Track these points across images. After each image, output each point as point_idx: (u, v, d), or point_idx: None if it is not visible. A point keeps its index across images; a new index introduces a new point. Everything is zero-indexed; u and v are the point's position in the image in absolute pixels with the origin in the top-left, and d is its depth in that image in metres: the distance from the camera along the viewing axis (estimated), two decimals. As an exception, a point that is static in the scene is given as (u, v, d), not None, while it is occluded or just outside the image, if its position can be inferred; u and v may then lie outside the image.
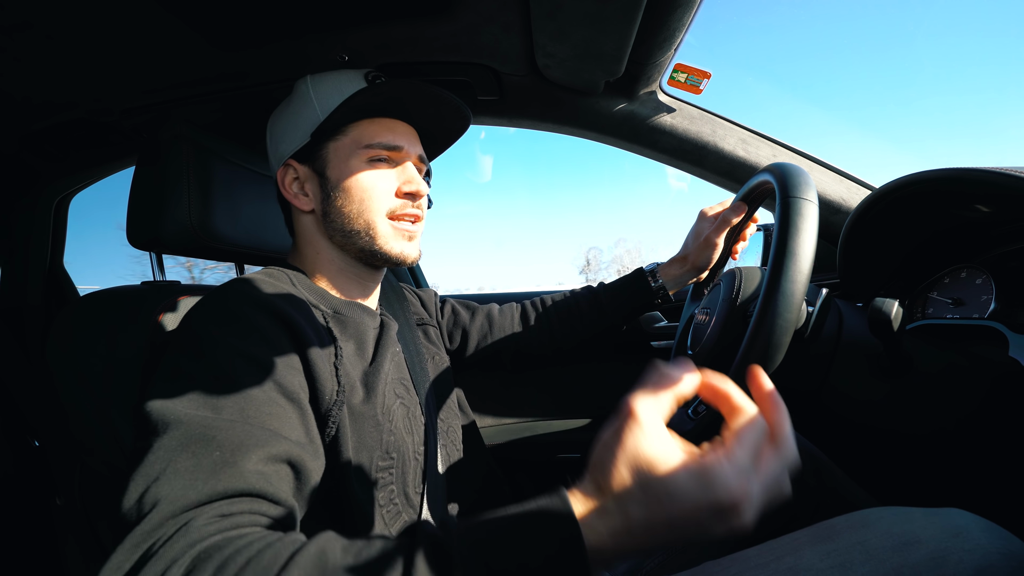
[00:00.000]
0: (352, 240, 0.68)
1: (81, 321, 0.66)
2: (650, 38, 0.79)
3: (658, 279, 0.92)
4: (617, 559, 0.34)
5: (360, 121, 0.69)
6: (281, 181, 0.71)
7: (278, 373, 0.51)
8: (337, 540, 0.38)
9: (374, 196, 0.67)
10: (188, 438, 0.42)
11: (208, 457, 0.41)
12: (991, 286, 0.68)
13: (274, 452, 0.45)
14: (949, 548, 0.44)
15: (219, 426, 0.44)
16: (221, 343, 0.50)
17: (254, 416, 0.46)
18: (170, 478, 0.40)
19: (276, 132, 0.73)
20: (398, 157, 0.70)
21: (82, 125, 0.96)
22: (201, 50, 0.78)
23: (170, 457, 0.41)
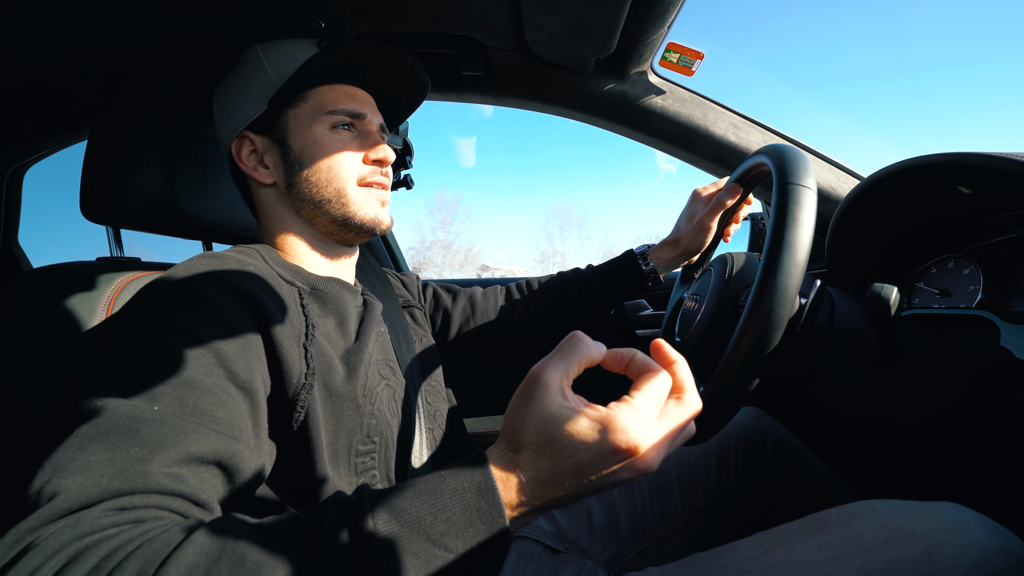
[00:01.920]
0: (322, 209, 0.65)
1: (27, 297, 0.61)
2: (643, 13, 0.76)
3: (649, 262, 0.90)
4: (534, 509, 0.36)
5: (319, 87, 0.66)
6: (236, 154, 0.66)
7: (231, 359, 0.46)
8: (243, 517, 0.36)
9: (342, 163, 0.65)
10: (109, 428, 0.38)
11: (125, 452, 0.37)
12: (979, 276, 0.68)
13: (203, 451, 0.40)
14: (944, 543, 0.43)
15: (147, 418, 0.39)
16: (170, 323, 0.46)
17: (193, 406, 0.41)
18: (77, 471, 0.35)
19: (226, 103, 0.69)
20: (361, 125, 0.68)
21: (34, 91, 0.89)
22: (165, 12, 0.72)
23: (84, 446, 0.37)
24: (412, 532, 0.34)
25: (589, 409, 0.36)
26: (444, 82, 0.99)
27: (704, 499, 0.77)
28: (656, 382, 0.38)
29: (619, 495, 0.78)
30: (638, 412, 0.36)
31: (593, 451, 0.35)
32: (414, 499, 0.35)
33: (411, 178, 1.06)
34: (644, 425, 0.35)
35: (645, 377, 0.38)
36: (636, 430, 0.35)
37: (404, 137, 1.03)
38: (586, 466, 0.35)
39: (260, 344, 0.50)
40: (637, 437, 0.35)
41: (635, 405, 0.36)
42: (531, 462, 0.36)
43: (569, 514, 0.76)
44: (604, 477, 0.36)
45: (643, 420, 0.35)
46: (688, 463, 0.79)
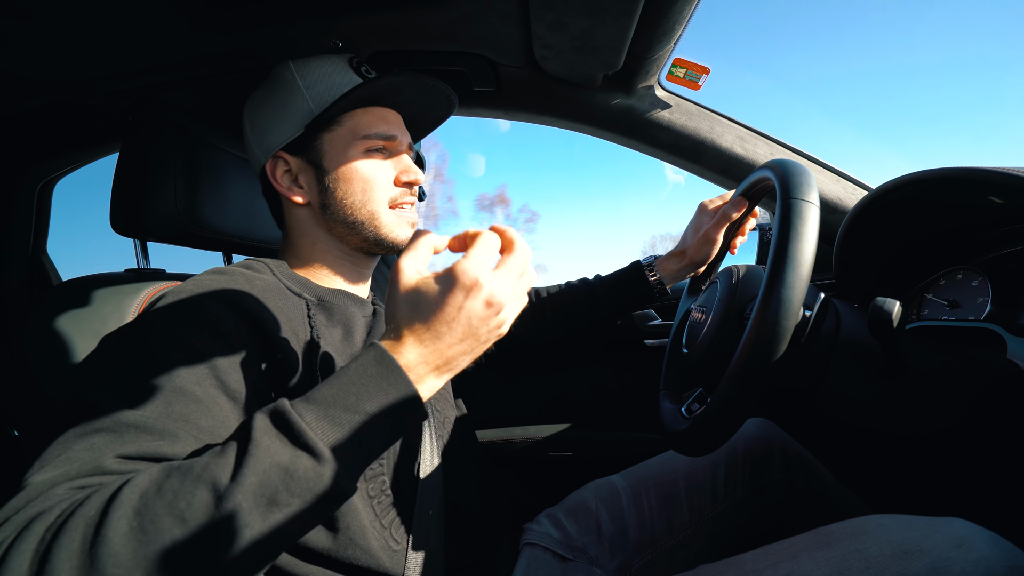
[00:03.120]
0: (355, 230, 0.67)
1: (58, 309, 0.64)
2: (649, 31, 0.78)
3: (655, 273, 0.91)
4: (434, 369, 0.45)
5: (353, 111, 0.68)
6: (271, 174, 0.68)
7: (224, 371, 0.48)
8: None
9: (376, 186, 0.67)
10: (94, 429, 0.41)
11: (102, 451, 0.40)
12: (987, 288, 0.68)
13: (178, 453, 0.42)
14: (951, 559, 0.43)
15: (130, 422, 0.41)
16: (168, 333, 0.48)
17: (179, 413, 0.44)
18: (57, 466, 0.39)
19: (260, 122, 0.70)
20: (392, 147, 0.70)
21: (65, 108, 0.93)
22: (189, 33, 0.75)
23: (68, 444, 0.40)
24: (330, 406, 0.41)
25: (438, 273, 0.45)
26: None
27: (712, 510, 0.77)
28: (485, 238, 0.46)
29: (627, 505, 0.78)
30: (471, 257, 0.44)
31: (449, 296, 0.43)
32: (324, 387, 0.42)
33: (423, 190, 1.08)
34: (478, 266, 0.44)
35: (475, 237, 0.46)
36: (473, 269, 0.44)
37: (416, 150, 1.06)
38: (450, 313, 0.43)
39: (259, 359, 0.52)
40: (473, 271, 0.43)
41: (468, 254, 0.45)
42: (409, 329, 0.44)
43: (578, 523, 0.77)
44: (470, 319, 0.44)
45: (477, 263, 0.44)
46: (696, 473, 0.80)
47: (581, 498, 0.81)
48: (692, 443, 0.61)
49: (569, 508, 0.80)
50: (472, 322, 0.44)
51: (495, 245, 0.47)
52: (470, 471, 0.73)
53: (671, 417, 0.69)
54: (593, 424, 1.27)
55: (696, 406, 0.70)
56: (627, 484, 0.82)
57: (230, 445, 0.39)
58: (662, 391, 0.81)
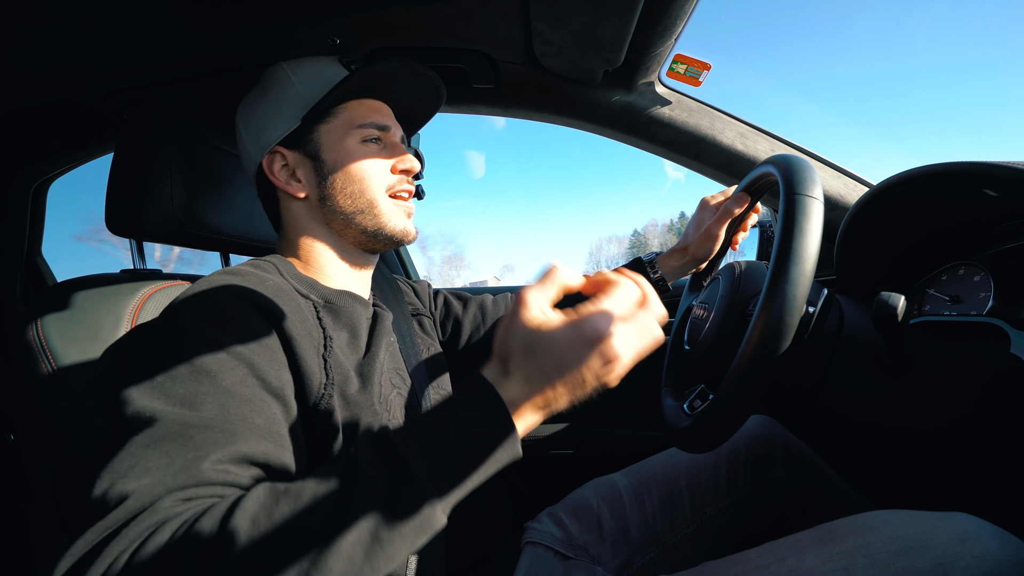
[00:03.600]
0: (354, 221, 0.67)
1: (53, 311, 0.63)
2: (650, 27, 0.78)
3: (657, 269, 0.91)
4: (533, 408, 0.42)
5: (347, 103, 0.69)
6: (268, 169, 0.68)
7: (261, 368, 0.48)
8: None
9: (374, 175, 0.67)
10: (162, 436, 0.40)
11: (182, 457, 0.39)
12: (989, 283, 0.68)
13: (252, 451, 0.43)
14: (957, 554, 0.43)
15: (196, 424, 0.41)
16: (202, 336, 0.48)
17: (235, 413, 0.44)
18: (139, 475, 0.38)
19: (255, 120, 0.70)
20: (387, 137, 0.71)
21: (61, 107, 0.93)
22: (186, 32, 0.75)
23: (140, 454, 0.39)
24: (432, 438, 0.39)
25: (563, 315, 0.42)
26: (455, 94, 1.01)
27: (714, 507, 0.77)
28: (619, 288, 0.43)
29: (629, 503, 0.78)
30: (605, 312, 0.41)
31: (567, 342, 0.40)
32: (427, 417, 0.41)
33: (422, 189, 1.08)
34: (610, 321, 0.41)
35: (610, 286, 0.44)
36: (605, 325, 0.41)
37: (416, 148, 1.05)
38: (564, 358, 0.41)
39: (283, 355, 0.52)
40: (601, 325, 0.40)
41: (600, 303, 0.42)
42: (520, 366, 0.42)
43: (579, 521, 0.76)
44: (581, 366, 0.41)
45: (608, 317, 0.41)
46: (698, 471, 0.79)
47: (582, 496, 0.81)
48: (694, 440, 0.61)
49: (570, 506, 0.80)
50: (584, 373, 0.41)
51: (631, 297, 0.44)
52: None
53: (673, 414, 0.69)
54: (594, 422, 1.27)
55: (698, 403, 0.70)
56: (629, 482, 0.81)
57: (336, 472, 0.38)
58: (664, 388, 0.81)
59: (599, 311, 0.41)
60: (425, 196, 1.10)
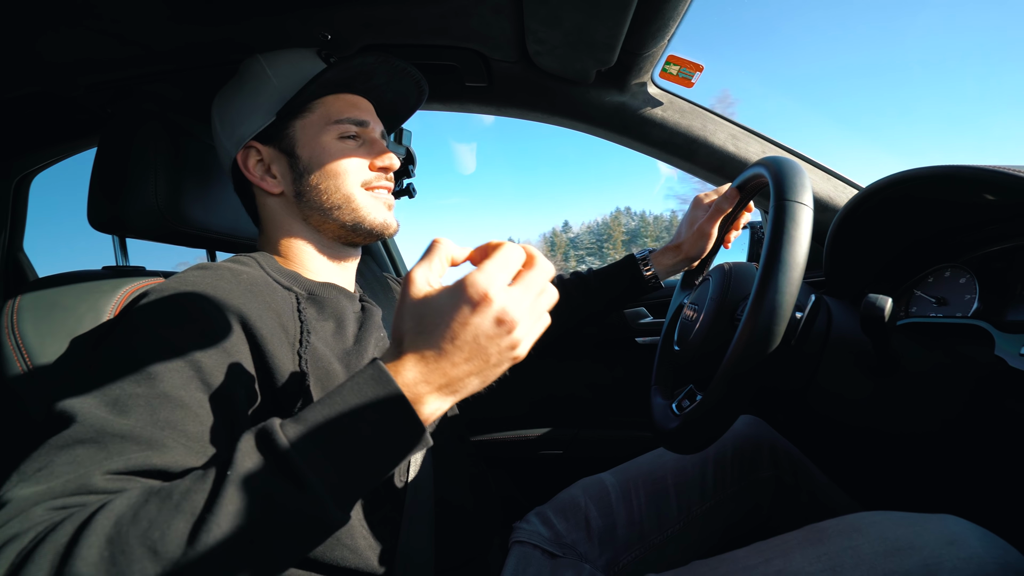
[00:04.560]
0: (331, 216, 0.66)
1: (31, 307, 0.62)
2: (643, 27, 0.78)
3: (650, 267, 0.91)
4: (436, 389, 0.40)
5: (324, 98, 0.68)
6: (243, 164, 0.67)
7: (211, 372, 0.46)
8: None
9: (350, 170, 0.66)
10: (76, 440, 0.39)
11: (86, 465, 0.38)
12: (975, 286, 0.69)
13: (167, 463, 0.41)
14: (943, 556, 0.44)
15: (114, 431, 0.40)
16: (153, 335, 0.46)
17: (166, 420, 0.42)
18: (39, 480, 0.37)
19: (230, 114, 0.69)
20: (365, 133, 0.69)
21: (44, 100, 0.91)
22: (173, 24, 0.73)
23: (50, 457, 0.38)
24: (320, 428, 0.38)
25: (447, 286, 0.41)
26: (447, 92, 1.01)
27: (701, 506, 0.77)
28: (503, 251, 0.42)
29: (616, 501, 0.78)
30: (484, 270, 0.40)
31: (455, 310, 0.39)
32: (317, 406, 0.39)
33: (414, 187, 1.07)
34: (489, 279, 0.39)
35: (492, 251, 0.42)
36: (483, 281, 0.39)
37: (407, 146, 1.05)
38: (454, 329, 0.39)
39: (247, 356, 0.51)
40: (482, 282, 0.39)
41: (482, 267, 0.40)
42: (412, 343, 0.40)
43: (567, 520, 0.76)
44: (477, 337, 0.39)
45: (490, 275, 0.40)
46: (685, 470, 0.80)
47: (570, 496, 0.81)
48: (682, 441, 0.61)
49: (558, 506, 0.79)
50: (480, 341, 0.40)
51: (516, 259, 0.42)
52: (461, 470, 0.72)
53: (662, 414, 0.69)
54: (584, 422, 1.27)
55: (687, 403, 0.70)
56: (616, 481, 0.81)
57: (212, 468, 0.37)
58: (653, 386, 0.81)
59: (479, 273, 0.40)
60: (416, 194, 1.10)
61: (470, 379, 0.41)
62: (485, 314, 0.39)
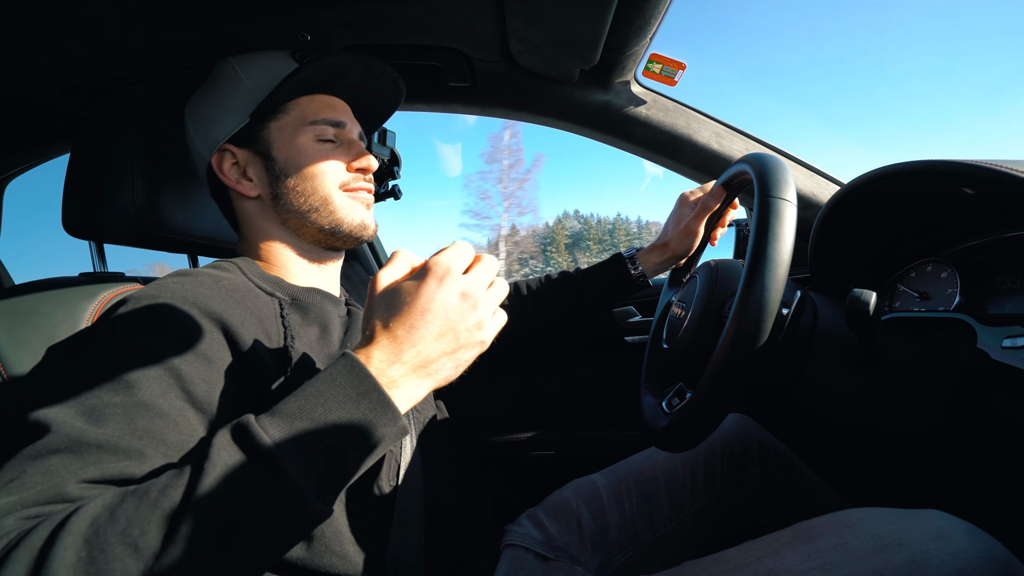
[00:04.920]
0: (309, 219, 0.65)
1: (6, 314, 0.60)
2: (625, 25, 0.78)
3: (637, 265, 0.91)
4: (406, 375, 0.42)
5: (299, 99, 0.67)
6: (218, 168, 0.66)
7: (190, 380, 0.46)
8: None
9: (327, 172, 0.65)
10: (51, 449, 0.38)
11: (60, 475, 0.37)
12: (956, 280, 0.69)
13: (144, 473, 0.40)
14: (931, 551, 0.44)
15: (89, 441, 0.39)
16: (130, 343, 0.45)
17: (143, 429, 0.41)
18: (13, 490, 0.36)
19: (203, 117, 0.68)
20: (342, 135, 0.69)
21: (16, 103, 0.89)
22: (149, 26, 0.72)
23: (25, 467, 0.37)
24: (295, 419, 0.38)
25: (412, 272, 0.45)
26: (431, 93, 1.00)
27: (692, 505, 0.77)
28: (456, 243, 0.46)
29: (608, 502, 0.78)
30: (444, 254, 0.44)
31: (423, 287, 0.42)
32: (292, 398, 0.40)
33: (399, 188, 1.06)
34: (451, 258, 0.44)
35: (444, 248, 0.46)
36: (445, 260, 0.43)
37: (392, 148, 1.04)
38: (423, 303, 0.42)
39: (229, 363, 0.50)
40: (448, 262, 0.43)
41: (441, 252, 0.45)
42: (383, 324, 0.43)
43: (559, 522, 0.76)
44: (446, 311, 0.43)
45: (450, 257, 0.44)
46: (676, 469, 0.80)
47: (562, 497, 0.80)
48: (673, 439, 0.61)
49: (550, 508, 0.79)
50: (449, 314, 0.42)
51: (468, 252, 0.46)
52: (451, 473, 0.72)
53: (652, 412, 0.69)
54: (575, 423, 1.27)
55: (676, 401, 0.70)
56: (608, 482, 0.81)
57: (188, 465, 0.36)
58: (643, 384, 0.81)
59: (438, 255, 0.44)
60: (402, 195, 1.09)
61: (443, 360, 0.43)
62: (450, 288, 0.43)
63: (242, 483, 0.35)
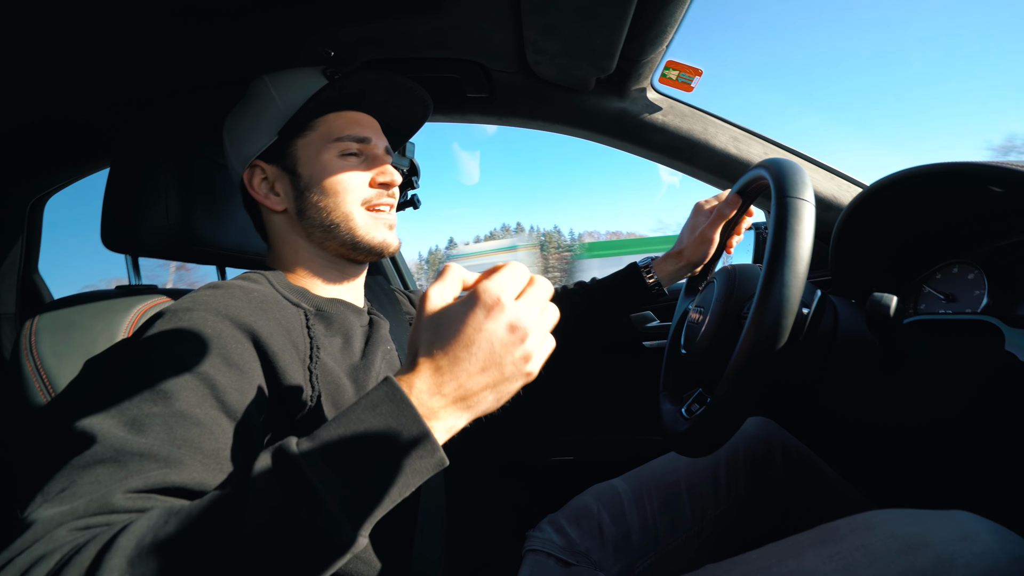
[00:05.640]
0: (332, 234, 0.67)
1: (47, 328, 0.63)
2: (641, 34, 0.79)
3: (652, 274, 0.91)
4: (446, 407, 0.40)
5: (326, 116, 0.69)
6: (249, 183, 0.69)
7: (225, 390, 0.47)
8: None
9: (350, 188, 0.67)
10: (96, 460, 0.40)
11: (107, 484, 0.39)
12: (983, 281, 0.68)
13: (186, 480, 0.41)
14: (957, 552, 0.43)
15: (132, 450, 0.41)
16: (166, 354, 0.47)
17: (182, 438, 0.43)
18: (62, 500, 0.38)
19: (237, 134, 0.71)
20: (367, 150, 0.70)
21: (57, 124, 0.93)
22: (182, 46, 0.75)
23: (73, 477, 0.39)
24: (333, 447, 0.38)
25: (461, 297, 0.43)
26: (449, 104, 1.02)
27: (715, 509, 0.76)
28: (510, 266, 0.44)
29: (629, 507, 0.77)
30: (495, 280, 0.41)
31: (469, 315, 0.40)
32: (332, 424, 0.39)
33: (418, 198, 1.08)
34: (501, 286, 0.41)
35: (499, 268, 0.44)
36: (495, 288, 0.41)
37: (411, 158, 1.06)
38: (469, 335, 0.40)
39: (260, 373, 0.52)
40: (498, 291, 0.41)
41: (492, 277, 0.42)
42: (427, 353, 0.41)
43: (580, 527, 0.76)
44: (492, 343, 0.40)
45: (501, 284, 0.41)
46: (698, 474, 0.79)
47: (583, 503, 0.80)
48: (693, 444, 0.61)
49: (571, 513, 0.79)
50: (495, 348, 0.40)
51: (522, 275, 0.44)
52: (472, 479, 0.72)
53: (671, 418, 0.69)
54: (594, 428, 1.26)
55: (696, 406, 0.70)
56: (629, 487, 0.81)
57: (230, 489, 0.37)
58: (662, 392, 0.81)
59: (489, 280, 0.42)
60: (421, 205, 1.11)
61: (485, 393, 0.41)
62: (499, 319, 0.40)
63: (280, 512, 0.35)
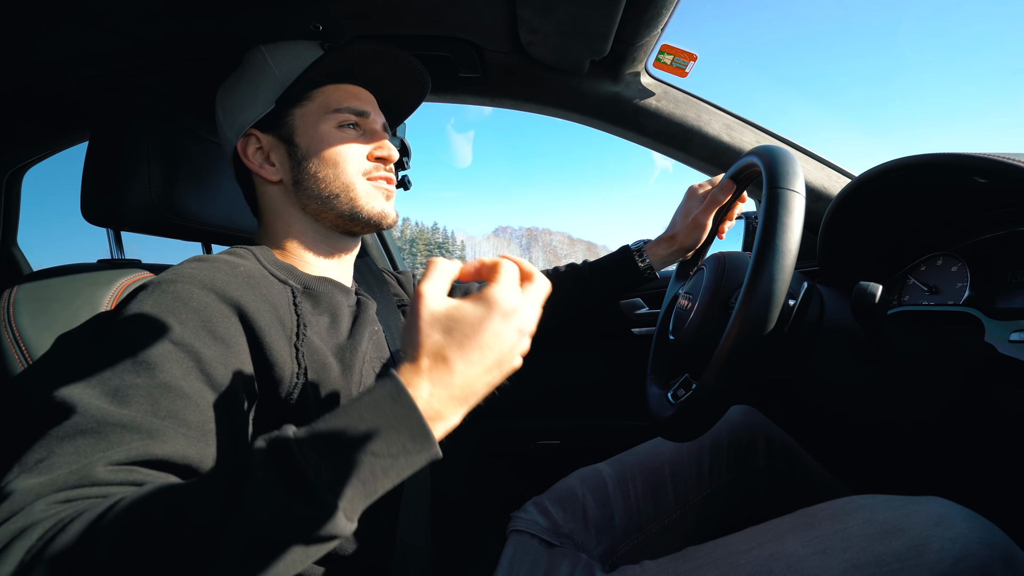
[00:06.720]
0: (329, 204, 0.66)
1: (26, 301, 0.62)
2: (637, 16, 0.77)
3: (644, 258, 0.91)
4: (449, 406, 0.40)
5: (325, 87, 0.68)
6: (243, 152, 0.68)
7: (210, 363, 0.47)
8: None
9: (349, 159, 0.66)
10: (77, 430, 0.39)
11: (89, 455, 0.38)
12: (966, 273, 0.69)
13: (169, 453, 0.41)
14: (931, 536, 0.45)
15: (114, 421, 0.40)
16: (151, 326, 0.46)
17: (167, 409, 0.42)
18: (41, 471, 0.37)
19: (231, 102, 0.70)
20: (365, 124, 0.70)
21: (34, 94, 0.90)
22: (165, 17, 0.73)
23: (53, 448, 0.38)
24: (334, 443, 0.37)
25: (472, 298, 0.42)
26: (441, 84, 1.00)
27: (697, 495, 0.78)
28: (510, 267, 0.45)
29: (613, 491, 0.78)
30: (504, 284, 0.43)
31: (486, 322, 0.40)
32: (331, 418, 0.38)
33: (408, 179, 1.07)
34: (515, 291, 0.43)
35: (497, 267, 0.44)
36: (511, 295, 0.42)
37: (402, 138, 1.04)
38: (486, 339, 0.40)
39: (245, 348, 0.51)
40: (514, 298, 0.42)
41: (501, 281, 0.43)
42: (438, 356, 0.40)
43: (564, 510, 0.77)
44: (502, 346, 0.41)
45: (512, 289, 0.43)
46: (682, 460, 0.80)
47: (568, 485, 0.81)
48: (678, 429, 0.61)
49: (556, 495, 0.80)
50: (503, 349, 0.41)
51: (517, 274, 0.45)
52: (458, 460, 0.73)
53: (657, 403, 0.70)
54: (582, 413, 1.27)
55: (682, 392, 0.70)
56: (613, 471, 0.82)
57: (223, 476, 0.36)
58: (649, 376, 0.82)
59: (501, 285, 0.42)
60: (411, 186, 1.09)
61: (484, 389, 0.42)
62: (512, 324, 0.42)
63: (276, 506, 0.35)
